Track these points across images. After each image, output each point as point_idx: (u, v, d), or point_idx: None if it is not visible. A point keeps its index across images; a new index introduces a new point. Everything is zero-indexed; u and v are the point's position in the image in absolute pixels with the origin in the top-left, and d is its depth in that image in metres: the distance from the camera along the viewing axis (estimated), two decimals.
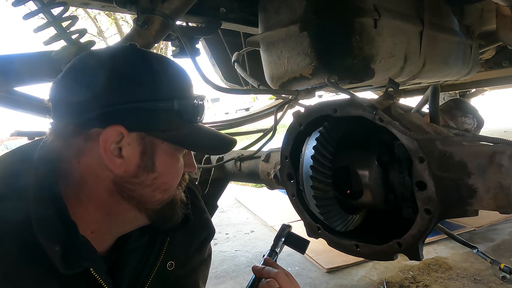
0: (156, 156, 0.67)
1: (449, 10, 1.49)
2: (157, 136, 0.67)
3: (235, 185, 4.79)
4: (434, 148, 0.79)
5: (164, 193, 0.71)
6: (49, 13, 1.01)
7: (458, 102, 1.70)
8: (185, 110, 0.69)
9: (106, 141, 0.62)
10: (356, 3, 1.04)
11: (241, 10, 1.47)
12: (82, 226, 0.64)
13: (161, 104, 0.65)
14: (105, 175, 0.65)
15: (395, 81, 0.83)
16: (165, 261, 0.79)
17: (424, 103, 1.07)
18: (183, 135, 0.69)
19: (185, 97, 0.70)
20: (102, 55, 0.70)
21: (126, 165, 0.65)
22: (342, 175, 0.95)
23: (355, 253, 0.96)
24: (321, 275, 2.30)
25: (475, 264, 2.26)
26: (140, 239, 0.77)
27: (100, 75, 0.64)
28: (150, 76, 0.66)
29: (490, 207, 0.73)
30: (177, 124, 0.68)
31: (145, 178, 0.67)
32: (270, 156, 1.50)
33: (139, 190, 0.67)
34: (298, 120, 1.05)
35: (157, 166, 0.68)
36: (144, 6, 1.05)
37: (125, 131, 0.63)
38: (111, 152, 0.63)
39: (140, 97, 0.64)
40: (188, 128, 0.70)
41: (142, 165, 0.66)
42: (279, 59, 1.16)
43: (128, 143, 0.64)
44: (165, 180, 0.70)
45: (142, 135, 0.65)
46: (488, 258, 1.13)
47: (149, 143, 0.66)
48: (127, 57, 0.68)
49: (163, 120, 0.66)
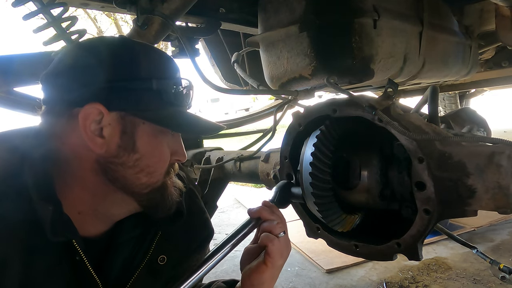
0: (137, 136, 0.68)
1: (448, 11, 1.49)
2: (138, 115, 0.67)
3: (234, 185, 4.79)
4: (433, 149, 0.79)
5: (150, 177, 0.71)
6: (48, 13, 1.01)
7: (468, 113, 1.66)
8: (165, 91, 0.69)
9: (85, 119, 0.64)
10: (355, 3, 1.04)
11: (241, 10, 1.47)
12: (68, 205, 0.65)
13: (140, 83, 0.67)
14: (88, 156, 0.66)
15: (394, 81, 0.83)
16: (157, 255, 0.78)
17: (423, 104, 1.07)
18: (163, 116, 0.69)
19: (165, 77, 0.70)
20: (87, 42, 0.75)
21: (107, 145, 0.66)
22: (341, 170, 0.95)
23: (355, 253, 0.96)
24: (321, 275, 2.30)
25: (474, 264, 2.26)
26: (133, 231, 0.77)
27: (82, 57, 0.67)
28: (130, 56, 0.68)
29: (489, 207, 0.73)
30: (157, 105, 0.69)
31: (126, 159, 0.68)
32: (270, 156, 1.50)
33: (122, 171, 0.68)
34: (298, 120, 1.05)
35: (138, 146, 0.68)
36: (144, 7, 1.05)
37: (105, 109, 0.64)
38: (92, 132, 0.65)
39: (119, 76, 0.66)
40: (169, 110, 0.71)
41: (123, 145, 0.67)
42: (278, 59, 1.16)
43: (108, 122, 0.65)
44: (149, 162, 0.70)
45: (122, 114, 0.66)
46: (487, 258, 1.13)
47: (130, 123, 0.67)
48: (109, 40, 0.72)
49: (143, 100, 0.67)
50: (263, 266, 0.75)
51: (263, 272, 0.75)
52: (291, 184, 0.96)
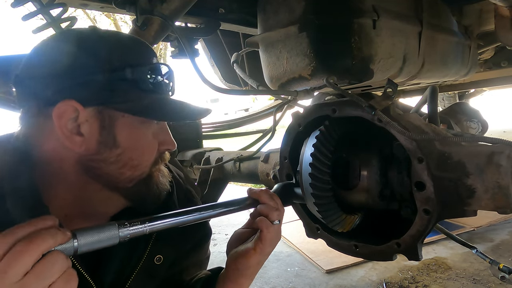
0: (116, 130, 0.65)
1: (447, 11, 1.49)
2: (116, 108, 0.64)
3: (234, 185, 4.79)
4: (433, 148, 0.79)
5: (134, 170, 0.68)
6: (48, 14, 1.01)
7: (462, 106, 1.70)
8: (141, 79, 0.66)
9: (60, 117, 0.61)
10: (354, 4, 1.04)
11: (240, 10, 1.47)
12: (54, 209, 0.63)
13: (112, 74, 0.63)
14: (68, 156, 0.64)
15: (393, 81, 0.83)
16: (153, 255, 0.76)
17: (423, 104, 1.07)
18: (143, 106, 0.66)
19: (139, 64, 0.66)
20: (52, 38, 0.70)
21: (87, 143, 0.63)
22: (340, 171, 0.95)
23: (354, 253, 0.96)
24: (321, 275, 2.30)
25: (474, 264, 2.26)
26: None
27: (49, 56, 0.64)
28: (98, 47, 0.65)
29: (489, 207, 0.73)
30: (135, 95, 0.65)
31: (108, 155, 0.65)
32: (269, 157, 1.50)
33: (104, 168, 0.66)
34: (297, 120, 1.06)
35: (119, 141, 0.65)
36: (143, 7, 1.05)
37: (79, 106, 0.61)
38: (69, 130, 0.62)
39: (89, 69, 0.62)
40: (149, 99, 0.67)
41: (103, 141, 0.64)
42: (278, 59, 1.16)
43: (85, 119, 0.63)
44: (132, 156, 0.67)
45: (99, 109, 0.63)
46: (487, 258, 1.13)
47: (108, 117, 0.64)
48: (75, 33, 0.69)
49: (118, 91, 0.64)
50: (252, 251, 0.73)
51: (251, 257, 0.74)
52: (293, 184, 0.96)
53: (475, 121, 1.64)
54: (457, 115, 1.65)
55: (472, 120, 1.64)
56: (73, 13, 4.94)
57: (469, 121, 1.64)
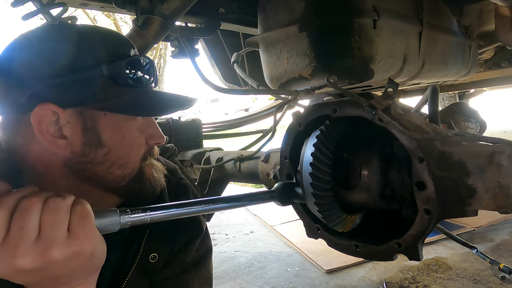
0: (100, 129, 0.63)
1: (448, 11, 1.49)
2: (96, 108, 0.62)
3: (234, 185, 4.79)
4: (433, 148, 0.79)
5: (124, 169, 0.67)
6: (48, 13, 1.01)
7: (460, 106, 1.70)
8: (118, 74, 0.63)
9: (39, 122, 0.59)
10: (355, 3, 1.04)
11: (240, 10, 1.47)
12: None
13: (88, 72, 0.61)
14: (54, 160, 0.63)
15: (394, 81, 0.83)
16: (147, 253, 0.75)
17: (423, 104, 1.07)
18: (124, 102, 0.64)
19: (115, 59, 0.63)
20: (19, 39, 0.66)
21: (71, 145, 0.62)
22: (341, 170, 0.95)
23: (355, 253, 0.96)
24: (321, 275, 2.30)
25: (474, 264, 2.26)
26: (121, 233, 0.75)
27: (20, 57, 0.61)
28: (69, 45, 0.61)
29: (490, 207, 0.73)
30: (115, 92, 0.63)
31: (94, 156, 0.63)
32: (270, 157, 1.50)
33: (92, 169, 0.64)
34: (298, 120, 1.05)
35: (104, 140, 0.64)
36: (143, 7, 1.05)
37: (58, 108, 0.59)
38: (52, 134, 0.60)
39: (63, 69, 0.60)
40: (130, 94, 0.65)
41: (88, 142, 0.63)
42: (278, 59, 1.16)
43: (67, 121, 0.61)
44: (119, 154, 0.66)
45: (79, 110, 0.61)
46: (487, 258, 1.13)
47: (89, 117, 0.62)
48: (43, 32, 0.65)
49: (96, 90, 0.61)
50: None
51: None
52: (293, 184, 0.96)
53: (473, 121, 1.64)
54: (455, 115, 1.65)
55: (470, 120, 1.64)
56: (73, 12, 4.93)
57: (467, 121, 1.64)
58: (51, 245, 0.48)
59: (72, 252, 0.50)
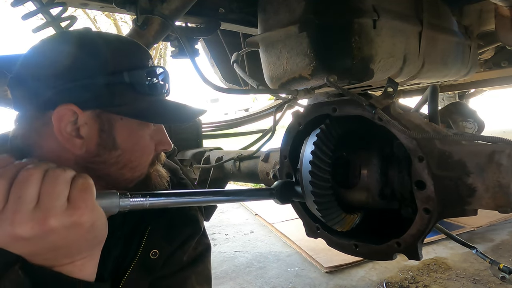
0: (115, 132, 0.67)
1: (448, 11, 1.49)
2: (114, 111, 0.66)
3: (234, 185, 4.79)
4: (433, 147, 0.79)
5: (134, 171, 0.70)
6: (48, 13, 1.01)
7: (458, 106, 1.70)
8: (138, 82, 0.67)
9: (59, 121, 0.62)
10: (355, 3, 1.04)
11: (240, 10, 1.47)
12: None
13: (111, 78, 0.65)
14: (67, 158, 0.65)
15: (394, 80, 0.83)
16: (148, 250, 0.77)
17: (423, 103, 1.07)
18: (141, 109, 0.68)
19: (136, 68, 0.68)
20: (49, 40, 0.70)
21: (86, 145, 0.65)
22: (340, 169, 0.95)
23: (354, 252, 0.96)
24: (321, 275, 2.30)
25: (474, 264, 2.26)
26: (122, 229, 0.77)
27: (48, 58, 0.65)
28: (96, 51, 0.66)
29: (489, 206, 0.73)
30: (133, 98, 0.67)
31: (108, 156, 0.67)
32: (269, 156, 1.50)
33: (105, 169, 0.67)
34: (298, 119, 1.06)
35: (119, 143, 0.67)
36: (143, 7, 1.05)
37: (78, 109, 0.62)
38: (69, 133, 0.63)
39: (88, 73, 0.63)
40: (146, 102, 0.69)
41: (103, 143, 0.66)
42: (278, 59, 1.16)
43: (84, 122, 0.64)
44: (131, 157, 0.69)
45: (97, 112, 0.65)
46: (487, 258, 1.13)
47: (106, 120, 0.66)
48: (72, 36, 0.69)
49: (116, 95, 0.65)
50: None
51: None
52: (293, 182, 0.96)
53: (471, 121, 1.64)
54: (452, 115, 1.65)
55: (468, 120, 1.64)
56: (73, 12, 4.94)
57: (465, 121, 1.64)
58: (49, 214, 0.49)
59: (71, 221, 0.51)
